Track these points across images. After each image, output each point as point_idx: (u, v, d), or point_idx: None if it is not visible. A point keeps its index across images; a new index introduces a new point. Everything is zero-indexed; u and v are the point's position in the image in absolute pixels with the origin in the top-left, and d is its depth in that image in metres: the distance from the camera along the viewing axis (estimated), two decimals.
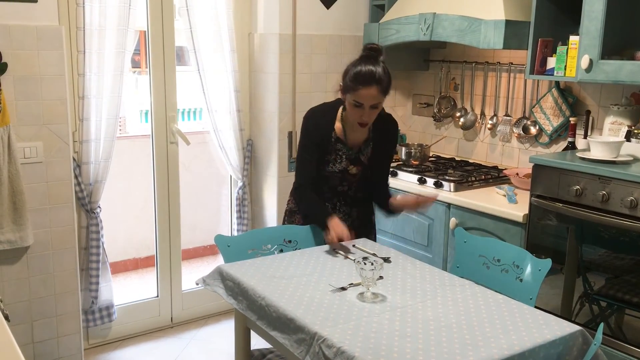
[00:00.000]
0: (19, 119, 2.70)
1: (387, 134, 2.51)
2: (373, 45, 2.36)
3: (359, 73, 2.25)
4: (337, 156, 2.45)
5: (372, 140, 2.48)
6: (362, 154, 2.48)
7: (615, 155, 2.41)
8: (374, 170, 2.52)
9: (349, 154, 2.46)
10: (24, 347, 2.87)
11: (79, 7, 2.85)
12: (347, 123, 2.42)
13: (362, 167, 2.49)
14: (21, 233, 2.72)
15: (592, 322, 2.42)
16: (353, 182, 2.52)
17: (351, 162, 2.46)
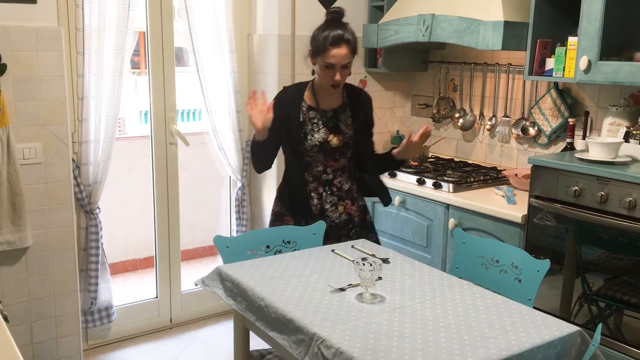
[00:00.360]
0: (18, 119, 2.70)
1: (361, 101, 2.57)
2: (336, 8, 2.45)
3: (328, 35, 2.36)
4: (313, 125, 2.48)
5: (350, 108, 2.53)
6: (340, 120, 2.50)
7: (613, 156, 2.41)
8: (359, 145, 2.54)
9: (325, 120, 2.48)
10: (23, 348, 2.87)
11: (78, 8, 2.85)
12: (318, 90, 2.50)
13: (343, 137, 2.49)
14: (20, 234, 2.72)
15: (591, 323, 2.42)
16: (336, 168, 2.52)
17: (330, 130, 2.48)
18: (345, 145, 2.51)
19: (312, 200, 2.54)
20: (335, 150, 2.49)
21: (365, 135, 2.59)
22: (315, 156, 2.49)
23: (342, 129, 2.50)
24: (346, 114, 2.52)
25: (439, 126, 3.78)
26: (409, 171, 3.21)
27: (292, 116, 2.49)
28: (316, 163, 2.51)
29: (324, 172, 2.52)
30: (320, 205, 2.54)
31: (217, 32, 3.28)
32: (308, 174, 2.53)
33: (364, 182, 2.64)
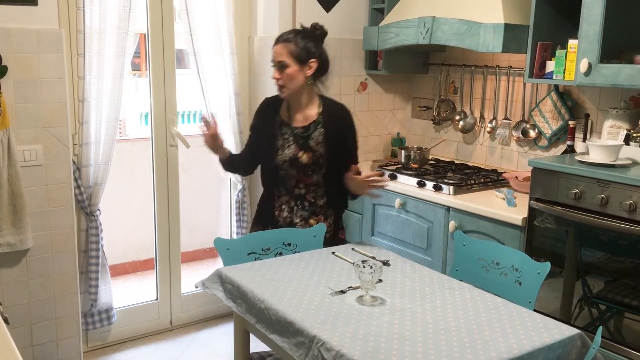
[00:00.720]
0: (19, 121, 2.71)
1: (337, 120, 2.55)
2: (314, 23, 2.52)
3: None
4: (285, 141, 2.50)
5: (323, 125, 2.51)
6: (311, 138, 2.49)
7: (614, 159, 2.41)
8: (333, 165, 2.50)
9: (295, 136, 2.49)
10: (23, 350, 2.86)
11: (79, 10, 2.85)
12: (291, 104, 2.53)
13: (313, 155, 2.48)
14: (21, 236, 2.72)
15: (592, 326, 2.42)
16: (309, 183, 2.51)
17: (300, 147, 2.48)
18: (316, 162, 2.49)
19: (282, 213, 2.55)
20: (306, 166, 2.49)
21: (341, 153, 2.52)
22: (288, 170, 2.51)
23: (311, 146, 2.48)
24: (318, 131, 2.50)
25: (440, 128, 3.78)
26: (409, 173, 3.21)
27: (266, 130, 2.55)
28: (289, 177, 2.52)
29: (297, 187, 2.53)
30: (290, 219, 2.54)
31: (218, 34, 3.29)
32: (282, 186, 2.55)
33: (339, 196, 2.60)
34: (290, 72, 2.44)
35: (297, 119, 2.52)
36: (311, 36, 2.48)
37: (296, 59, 2.43)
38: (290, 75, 2.44)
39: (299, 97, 2.50)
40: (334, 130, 2.51)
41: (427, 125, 3.86)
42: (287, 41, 2.45)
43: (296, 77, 2.44)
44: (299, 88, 2.47)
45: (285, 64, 2.43)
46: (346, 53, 3.62)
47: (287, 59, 2.43)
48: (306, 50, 2.44)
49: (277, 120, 2.54)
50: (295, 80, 2.45)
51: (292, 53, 2.43)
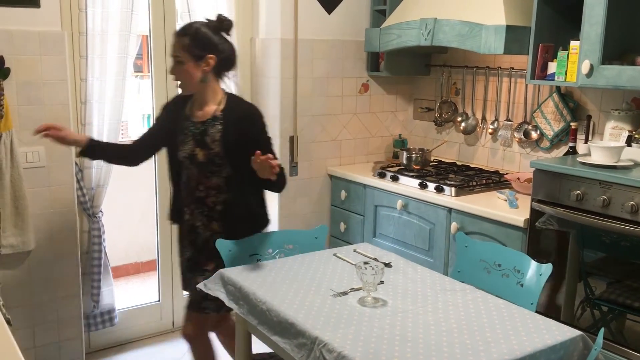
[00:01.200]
0: (22, 123, 2.71)
1: (239, 119, 2.34)
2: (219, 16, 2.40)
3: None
4: (185, 136, 2.36)
5: (221, 122, 2.33)
6: (207, 134, 2.33)
7: (616, 160, 2.41)
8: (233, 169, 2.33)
9: (193, 132, 2.34)
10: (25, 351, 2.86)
11: (81, 12, 2.86)
12: (195, 98, 2.41)
13: (207, 153, 2.32)
14: (23, 237, 2.73)
15: (594, 327, 2.42)
16: (209, 186, 2.35)
17: (197, 143, 2.33)
18: (211, 162, 2.32)
19: (185, 215, 2.43)
20: (204, 165, 2.33)
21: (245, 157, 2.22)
22: (190, 169, 2.37)
23: (207, 143, 2.32)
24: (215, 128, 2.33)
25: (441, 130, 3.78)
26: (411, 175, 3.21)
27: (171, 123, 2.43)
28: (191, 177, 2.38)
29: (197, 189, 2.37)
30: (192, 222, 2.41)
31: None
32: (184, 187, 2.42)
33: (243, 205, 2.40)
34: (185, 67, 2.29)
35: (198, 114, 2.38)
36: (214, 29, 2.33)
37: (191, 54, 2.28)
38: (185, 71, 2.29)
39: (201, 93, 2.36)
40: (234, 130, 2.32)
41: (428, 127, 3.86)
42: (183, 35, 2.30)
43: (191, 73, 2.29)
44: (196, 84, 2.32)
45: (180, 59, 2.29)
46: (348, 54, 3.62)
47: (182, 53, 2.28)
48: (203, 44, 2.28)
49: (182, 114, 2.41)
50: (190, 77, 2.30)
51: (187, 48, 2.28)
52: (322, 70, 3.53)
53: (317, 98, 3.54)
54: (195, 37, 2.29)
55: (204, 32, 2.31)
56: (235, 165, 2.33)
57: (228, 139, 2.32)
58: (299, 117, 3.46)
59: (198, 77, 2.31)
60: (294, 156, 3.48)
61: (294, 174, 3.51)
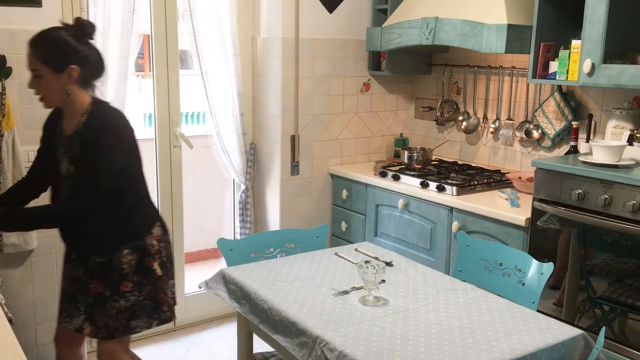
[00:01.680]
0: (24, 122, 2.72)
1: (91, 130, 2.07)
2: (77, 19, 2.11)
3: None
4: (61, 154, 2.13)
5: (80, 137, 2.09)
6: (72, 149, 2.10)
7: (617, 159, 2.41)
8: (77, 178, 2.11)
9: (64, 148, 2.12)
10: (27, 350, 2.87)
11: (83, 11, 2.86)
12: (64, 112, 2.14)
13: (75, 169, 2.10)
14: (25, 236, 2.73)
15: (595, 326, 2.42)
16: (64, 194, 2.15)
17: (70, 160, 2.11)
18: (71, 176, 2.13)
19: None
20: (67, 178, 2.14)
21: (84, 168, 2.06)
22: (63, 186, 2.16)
23: (74, 159, 2.10)
24: (77, 143, 2.09)
25: (443, 129, 3.78)
26: (412, 174, 3.21)
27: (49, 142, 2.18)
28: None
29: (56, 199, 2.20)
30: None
31: (221, 35, 3.29)
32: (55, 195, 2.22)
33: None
34: (45, 81, 2.01)
35: (67, 127, 2.12)
36: (74, 35, 2.05)
37: (50, 66, 2.00)
38: (45, 85, 2.02)
39: (68, 106, 2.09)
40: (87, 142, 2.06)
41: (430, 126, 3.86)
42: (37, 45, 2.00)
43: (52, 86, 2.02)
44: (60, 98, 2.05)
45: (38, 73, 2.01)
46: (349, 54, 3.62)
47: (39, 66, 2.00)
48: (61, 55, 2.01)
49: (57, 130, 2.15)
50: (52, 90, 2.03)
51: (44, 59, 1.99)
52: (323, 70, 3.53)
53: (319, 97, 3.54)
54: (52, 47, 2.02)
55: (63, 40, 2.02)
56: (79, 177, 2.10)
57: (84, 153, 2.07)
58: (300, 116, 3.46)
59: (61, 90, 2.03)
60: (295, 155, 3.48)
61: (296, 173, 3.51)
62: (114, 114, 2.15)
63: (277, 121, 3.42)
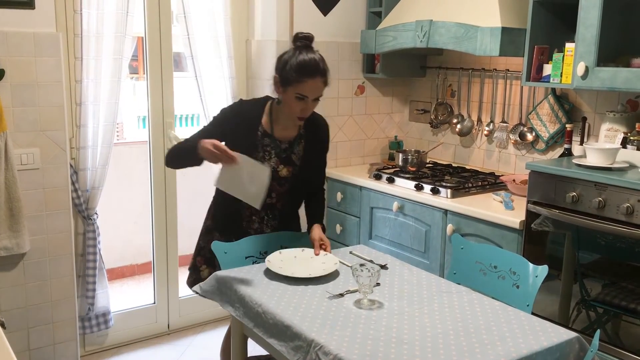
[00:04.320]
0: (16, 125, 2.70)
1: (319, 132, 2.41)
2: (306, 34, 2.27)
3: (303, 64, 2.17)
4: (266, 152, 2.31)
5: (305, 139, 2.37)
6: (294, 152, 2.35)
7: (611, 162, 2.41)
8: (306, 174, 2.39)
9: (278, 151, 2.32)
10: (19, 354, 2.85)
11: (76, 13, 2.85)
12: (277, 117, 2.33)
13: (293, 169, 2.35)
14: (17, 240, 2.71)
15: (589, 329, 2.42)
16: (281, 192, 2.37)
17: (281, 161, 2.33)
18: (294, 176, 2.36)
19: (253, 224, 2.41)
20: (283, 180, 2.35)
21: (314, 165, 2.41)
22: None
23: (293, 160, 2.35)
24: (300, 145, 2.36)
25: (437, 132, 3.79)
26: (407, 176, 3.21)
27: (243, 138, 2.30)
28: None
29: (269, 196, 2.31)
30: (261, 230, 2.42)
31: (215, 38, 3.29)
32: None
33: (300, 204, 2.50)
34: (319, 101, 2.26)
35: (281, 132, 2.34)
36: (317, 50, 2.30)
37: (326, 85, 2.25)
38: (318, 103, 2.27)
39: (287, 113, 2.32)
40: (314, 143, 2.39)
41: (424, 129, 3.86)
42: (324, 73, 2.22)
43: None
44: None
45: (320, 97, 2.25)
46: (343, 56, 3.62)
47: (323, 90, 2.24)
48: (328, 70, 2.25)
49: (260, 130, 2.32)
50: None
51: (326, 82, 2.24)
52: None
53: None
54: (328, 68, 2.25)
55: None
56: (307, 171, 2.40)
57: (309, 152, 2.37)
58: None
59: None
60: None
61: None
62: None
63: None
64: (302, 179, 2.39)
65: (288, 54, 2.25)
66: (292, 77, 2.18)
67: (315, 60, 2.20)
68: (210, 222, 2.55)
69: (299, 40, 2.27)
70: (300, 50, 2.22)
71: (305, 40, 2.26)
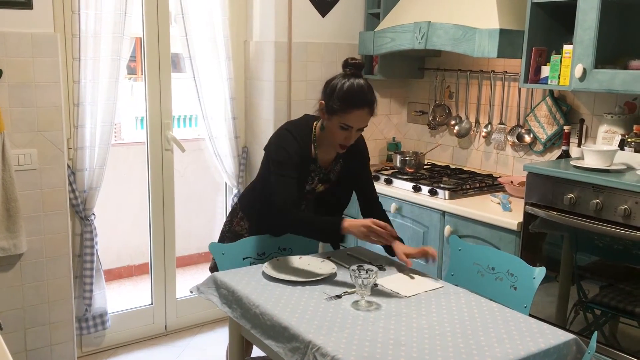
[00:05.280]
0: (14, 125, 2.70)
1: (356, 152, 2.38)
2: (356, 60, 2.20)
3: (351, 94, 2.11)
4: (310, 177, 2.32)
5: (341, 157, 2.36)
6: (333, 172, 2.38)
7: (608, 164, 2.42)
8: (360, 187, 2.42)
9: (320, 176, 2.35)
10: (16, 355, 2.85)
11: (74, 14, 2.85)
12: (321, 143, 2.29)
13: (330, 185, 2.39)
14: (15, 240, 2.71)
15: (587, 331, 2.42)
16: (310, 199, 2.39)
17: (320, 181, 2.36)
18: (328, 190, 2.39)
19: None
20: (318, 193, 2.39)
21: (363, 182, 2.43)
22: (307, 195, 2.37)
23: (331, 179, 2.38)
24: (339, 165, 2.37)
25: (435, 133, 3.79)
26: (405, 178, 3.21)
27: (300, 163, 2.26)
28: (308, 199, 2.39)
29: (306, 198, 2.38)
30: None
31: (214, 39, 3.29)
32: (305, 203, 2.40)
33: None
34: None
35: (324, 157, 2.32)
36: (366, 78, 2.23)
37: (372, 115, 2.20)
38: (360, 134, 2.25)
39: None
40: (350, 161, 2.38)
41: (422, 130, 3.86)
42: (372, 103, 2.16)
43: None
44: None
45: (365, 127, 2.21)
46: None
47: (368, 121, 2.20)
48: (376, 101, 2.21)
49: (308, 156, 2.28)
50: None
51: (372, 112, 2.19)
52: (316, 74, 3.53)
53: (311, 101, 3.52)
54: (376, 98, 2.20)
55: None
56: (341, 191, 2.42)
57: (347, 169, 2.37)
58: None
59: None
60: None
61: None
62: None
63: (270, 125, 3.41)
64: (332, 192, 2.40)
65: (337, 81, 2.17)
66: (339, 106, 2.12)
67: (364, 91, 2.13)
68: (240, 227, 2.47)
69: (349, 67, 2.19)
70: (349, 79, 2.15)
71: (354, 67, 2.19)
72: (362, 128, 2.19)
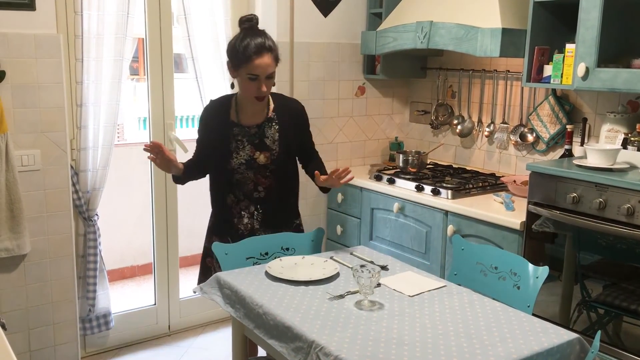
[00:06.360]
0: (17, 126, 2.70)
1: (292, 113, 2.44)
2: (249, 16, 2.31)
3: (249, 44, 2.22)
4: (237, 142, 2.36)
5: (278, 122, 2.39)
6: (266, 136, 2.37)
7: (611, 163, 2.41)
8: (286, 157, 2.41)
9: (248, 137, 2.36)
10: (20, 355, 2.85)
11: (77, 15, 2.85)
12: (241, 104, 2.38)
13: (271, 154, 2.37)
14: (18, 241, 2.71)
15: (590, 330, 2.42)
16: (267, 185, 2.40)
17: (256, 147, 2.36)
18: (274, 162, 2.38)
19: (242, 220, 2.43)
20: (264, 167, 2.38)
21: (302, 146, 2.49)
22: (245, 174, 2.38)
23: (267, 145, 2.37)
24: (273, 129, 2.38)
25: (438, 132, 3.79)
26: (407, 178, 3.21)
27: (215, 134, 2.39)
28: (246, 181, 2.39)
29: (255, 190, 2.40)
30: (251, 225, 2.43)
31: (216, 39, 3.29)
32: (239, 192, 2.41)
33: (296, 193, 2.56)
34: (274, 78, 2.30)
35: (248, 118, 2.38)
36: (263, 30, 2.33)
37: (276, 61, 2.29)
38: (273, 81, 2.30)
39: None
40: (289, 127, 2.41)
41: (425, 130, 3.86)
42: (271, 49, 2.25)
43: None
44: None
45: (273, 74, 2.28)
46: (344, 57, 3.62)
47: (274, 67, 2.28)
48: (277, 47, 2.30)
49: (228, 122, 2.38)
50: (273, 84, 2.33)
51: (276, 59, 2.28)
52: (318, 73, 3.53)
53: (314, 101, 3.54)
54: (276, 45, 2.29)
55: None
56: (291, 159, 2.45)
57: (286, 136, 2.39)
58: None
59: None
60: None
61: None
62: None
63: None
64: (284, 168, 2.42)
65: (235, 38, 2.29)
66: (241, 58, 2.23)
67: (262, 39, 2.24)
68: (211, 223, 2.57)
69: (244, 23, 2.31)
70: (247, 33, 2.27)
71: (249, 22, 2.30)
72: (271, 75, 2.27)
